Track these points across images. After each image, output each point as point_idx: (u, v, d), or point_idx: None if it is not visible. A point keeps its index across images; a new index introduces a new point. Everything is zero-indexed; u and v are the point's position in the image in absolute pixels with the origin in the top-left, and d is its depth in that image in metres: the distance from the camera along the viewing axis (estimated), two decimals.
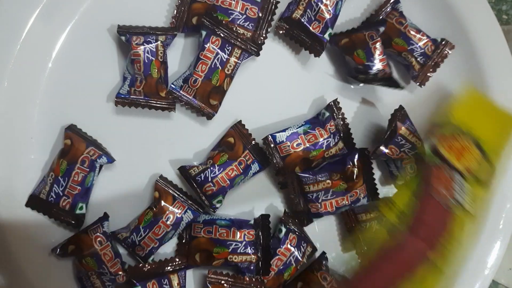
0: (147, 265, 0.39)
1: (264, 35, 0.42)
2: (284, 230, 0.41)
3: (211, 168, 0.40)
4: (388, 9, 0.44)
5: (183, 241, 0.41)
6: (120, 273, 0.39)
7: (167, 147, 0.42)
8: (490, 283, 0.45)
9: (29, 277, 0.39)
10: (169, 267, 0.40)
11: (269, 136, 0.41)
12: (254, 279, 0.40)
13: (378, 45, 0.42)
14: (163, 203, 0.40)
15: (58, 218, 0.39)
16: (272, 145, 0.41)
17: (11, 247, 0.39)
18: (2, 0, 0.38)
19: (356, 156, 0.42)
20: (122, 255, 0.40)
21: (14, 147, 0.39)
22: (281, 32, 0.42)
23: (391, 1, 0.44)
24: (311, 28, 0.42)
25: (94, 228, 0.39)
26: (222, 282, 0.40)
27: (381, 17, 0.44)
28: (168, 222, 0.40)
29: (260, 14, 0.42)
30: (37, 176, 0.40)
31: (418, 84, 0.45)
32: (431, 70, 0.45)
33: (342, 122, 0.43)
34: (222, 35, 0.40)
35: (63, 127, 0.40)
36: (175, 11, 0.41)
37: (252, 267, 0.40)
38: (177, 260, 0.40)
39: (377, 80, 0.43)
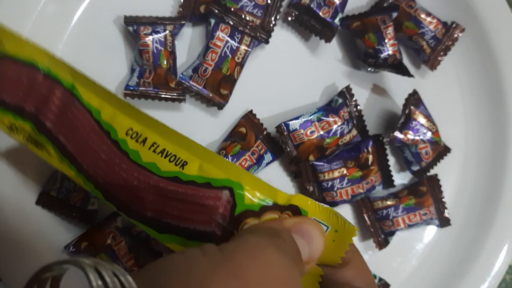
0: None
1: (273, 22, 0.41)
2: None
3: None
4: None
5: None
6: (135, 268, 0.38)
7: None
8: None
9: None
10: None
11: (282, 124, 0.40)
12: None
13: (390, 30, 0.41)
14: None
15: (70, 215, 0.38)
16: (285, 133, 0.40)
17: (22, 246, 0.38)
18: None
19: (371, 143, 0.42)
20: (136, 251, 0.39)
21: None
22: (290, 18, 0.41)
23: None
24: (320, 13, 0.41)
25: (107, 223, 0.38)
26: None
27: (390, 1, 0.44)
28: None
29: (268, 1, 0.41)
30: (47, 173, 0.39)
31: (429, 68, 0.45)
32: (441, 53, 0.45)
33: (355, 109, 0.42)
34: (231, 23, 0.39)
35: None
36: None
37: None
38: None
39: (387, 66, 0.42)
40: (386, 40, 0.41)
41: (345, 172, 0.41)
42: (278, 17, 0.41)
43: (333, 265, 0.24)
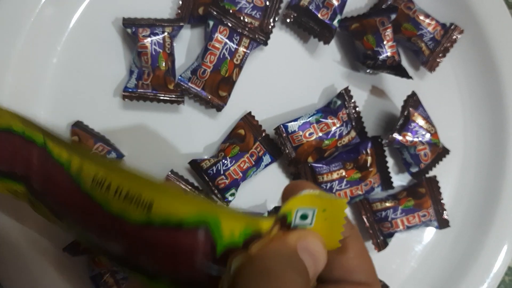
0: None
1: (272, 24, 0.41)
2: None
3: (223, 161, 0.39)
4: None
5: None
6: None
7: (177, 141, 0.41)
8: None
9: (41, 278, 0.38)
10: None
11: (281, 126, 0.40)
12: None
13: (388, 31, 0.41)
14: None
15: None
16: (284, 135, 0.40)
17: (21, 248, 0.38)
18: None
19: (369, 145, 0.42)
20: None
21: None
22: (288, 20, 0.41)
23: None
24: (319, 15, 0.41)
25: None
26: None
27: (389, 3, 0.44)
28: None
29: (267, 3, 0.41)
30: None
31: (428, 70, 0.45)
32: (440, 55, 0.45)
33: (354, 111, 0.42)
34: (229, 25, 0.39)
35: (69, 124, 0.39)
36: (181, 1, 0.40)
37: None
38: None
39: (385, 67, 0.42)
40: (384, 42, 0.41)
41: (344, 173, 0.41)
42: (276, 19, 0.41)
43: (333, 249, 0.22)
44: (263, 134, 0.41)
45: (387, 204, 0.43)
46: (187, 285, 0.21)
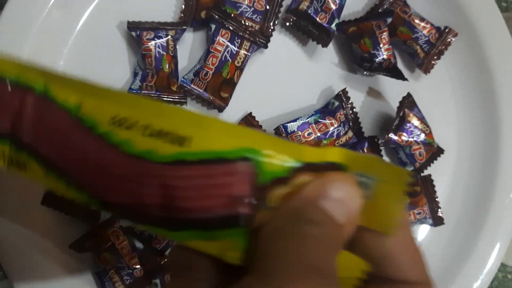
0: (164, 258, 0.39)
1: (272, 27, 0.42)
2: None
3: None
4: None
5: None
6: (138, 266, 0.39)
7: None
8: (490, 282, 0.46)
9: (47, 274, 0.39)
10: None
11: (281, 126, 0.41)
12: None
13: (385, 35, 0.43)
14: None
15: (74, 214, 0.39)
16: (283, 135, 0.42)
17: (28, 245, 0.39)
18: (6, 9, 0.38)
19: (366, 144, 0.43)
20: (139, 249, 0.41)
21: None
22: (288, 24, 0.43)
23: None
24: (318, 19, 0.42)
25: (111, 222, 0.39)
26: None
27: (385, 7, 0.45)
28: None
29: (267, 7, 0.42)
30: None
31: (423, 71, 0.46)
32: (435, 57, 0.46)
33: (351, 111, 0.43)
34: (231, 28, 0.41)
35: None
36: (183, 5, 0.42)
37: None
38: None
39: (382, 69, 0.44)
40: (381, 45, 0.43)
41: None
42: (276, 23, 0.43)
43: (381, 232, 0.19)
44: None
45: None
46: (220, 224, 0.19)
